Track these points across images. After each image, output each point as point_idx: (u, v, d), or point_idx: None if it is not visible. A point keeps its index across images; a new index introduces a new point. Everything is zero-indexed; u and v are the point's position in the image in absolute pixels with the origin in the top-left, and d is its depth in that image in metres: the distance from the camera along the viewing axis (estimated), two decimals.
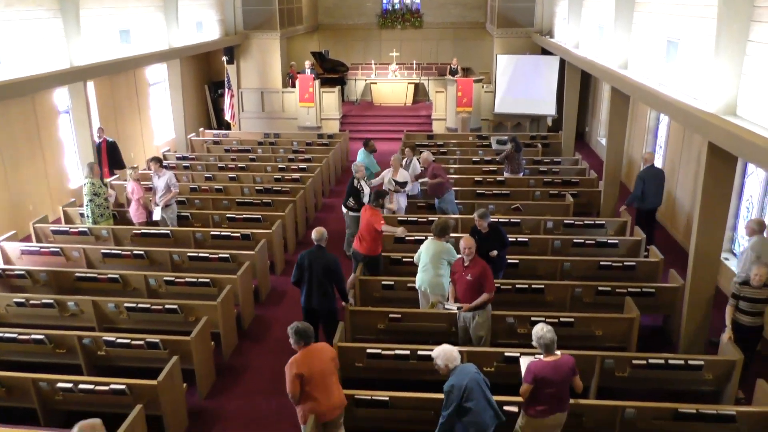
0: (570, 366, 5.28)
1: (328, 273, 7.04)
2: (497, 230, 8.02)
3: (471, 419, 5.03)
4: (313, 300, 7.12)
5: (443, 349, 5.25)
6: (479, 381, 5.14)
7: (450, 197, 10.68)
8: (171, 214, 10.43)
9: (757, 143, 5.28)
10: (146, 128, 16.18)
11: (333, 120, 19.31)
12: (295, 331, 5.29)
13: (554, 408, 5.30)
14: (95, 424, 4.37)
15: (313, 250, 7.12)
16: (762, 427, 5.66)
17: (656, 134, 13.26)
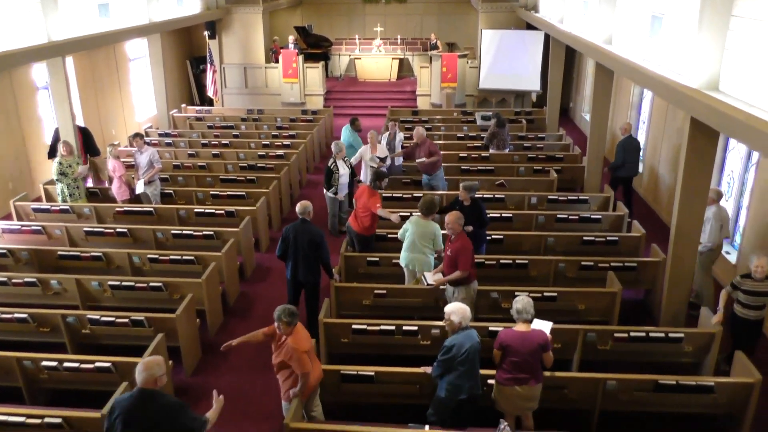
0: (539, 341, 5.33)
1: (313, 246, 7.09)
2: (478, 206, 8.04)
3: (453, 379, 5.28)
4: (299, 273, 7.19)
5: (460, 306, 5.40)
6: (477, 350, 5.31)
7: (441, 174, 10.67)
8: (154, 191, 10.35)
9: (738, 118, 5.32)
10: (127, 104, 15.97)
11: (317, 96, 19.15)
12: (291, 313, 5.24)
13: (520, 379, 5.38)
14: (159, 360, 4.43)
15: (298, 223, 7.17)
16: (739, 397, 5.79)
17: (640, 110, 13.32)
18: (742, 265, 8.36)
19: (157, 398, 4.30)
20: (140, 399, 4.27)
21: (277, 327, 5.31)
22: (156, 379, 4.32)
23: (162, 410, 4.26)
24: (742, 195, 8.80)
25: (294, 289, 7.39)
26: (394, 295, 7.47)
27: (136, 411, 4.24)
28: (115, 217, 9.92)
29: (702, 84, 6.33)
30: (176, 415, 4.30)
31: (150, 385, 4.30)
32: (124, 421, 4.23)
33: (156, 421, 4.25)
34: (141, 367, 4.32)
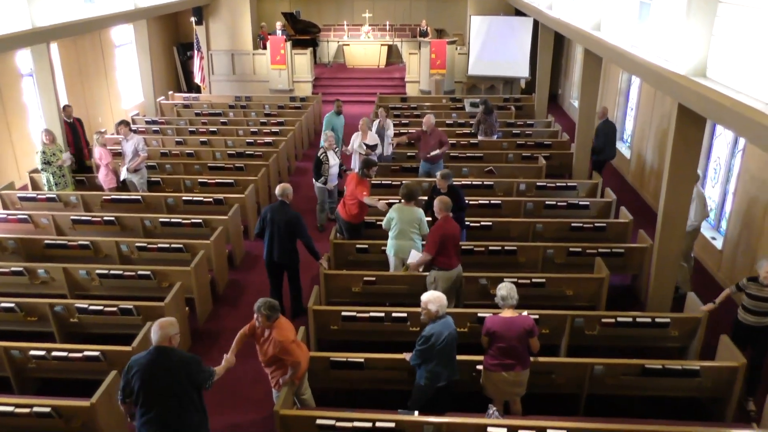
0: (525, 326, 5.37)
1: (289, 228, 7.23)
2: (455, 192, 8.03)
3: (432, 368, 5.36)
4: (274, 253, 7.35)
5: (437, 295, 5.41)
6: (454, 338, 5.37)
7: (441, 162, 10.69)
8: (141, 180, 10.28)
9: (725, 105, 5.34)
10: (113, 91, 15.81)
11: (305, 83, 19.05)
12: (271, 306, 5.21)
13: (507, 365, 5.42)
14: (172, 320, 4.69)
15: (276, 204, 7.33)
16: (724, 381, 5.87)
17: (628, 96, 13.36)
18: (727, 252, 8.44)
19: (172, 355, 4.56)
20: (157, 356, 4.53)
21: (256, 319, 5.28)
22: (170, 337, 4.58)
23: (177, 366, 4.54)
24: (729, 181, 8.86)
25: (272, 271, 7.57)
26: (383, 282, 7.49)
27: (153, 367, 4.50)
28: (102, 205, 9.86)
29: (689, 70, 6.35)
30: (190, 369, 4.59)
31: (165, 343, 4.56)
32: (142, 377, 4.49)
33: (172, 376, 4.52)
34: (156, 327, 4.58)
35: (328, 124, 11.36)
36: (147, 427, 4.56)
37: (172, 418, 4.56)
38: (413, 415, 5.35)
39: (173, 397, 4.54)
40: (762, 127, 4.73)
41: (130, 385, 4.55)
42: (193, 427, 4.65)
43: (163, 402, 4.53)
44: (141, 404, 4.55)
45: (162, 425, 4.55)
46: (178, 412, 4.57)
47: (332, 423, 5.17)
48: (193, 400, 4.64)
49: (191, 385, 4.61)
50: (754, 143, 5.20)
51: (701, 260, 9.13)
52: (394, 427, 5.16)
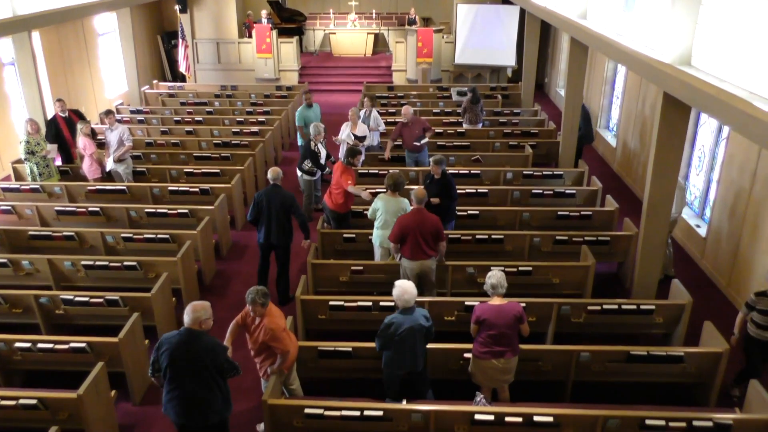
0: (514, 313, 5.40)
1: (286, 208, 7.40)
2: (448, 180, 8.09)
3: (390, 354, 5.46)
4: (272, 236, 7.48)
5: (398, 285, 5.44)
6: (418, 331, 5.37)
7: (426, 150, 10.69)
8: (126, 170, 10.18)
9: (709, 93, 5.38)
10: (97, 81, 15.63)
11: (291, 71, 18.94)
12: (264, 294, 5.23)
13: (497, 352, 5.45)
14: (206, 305, 4.82)
15: (270, 188, 7.46)
16: (708, 367, 5.95)
17: (614, 85, 13.41)
18: (711, 239, 8.53)
19: (202, 338, 4.71)
20: (187, 337, 4.70)
21: (251, 311, 5.27)
22: (201, 321, 4.72)
23: (204, 349, 4.68)
24: (713, 169, 8.94)
25: (265, 253, 7.72)
26: (370, 271, 7.50)
27: (181, 348, 4.68)
28: (87, 195, 9.77)
29: (675, 59, 6.38)
30: (215, 355, 4.72)
31: (195, 326, 4.71)
32: (171, 355, 4.68)
33: (198, 358, 4.67)
34: (189, 309, 4.73)
35: (300, 118, 11.11)
36: (172, 404, 4.78)
37: (196, 399, 4.74)
38: (401, 403, 5.39)
39: (198, 379, 4.71)
40: (745, 115, 4.76)
41: (159, 362, 4.77)
42: (214, 410, 4.83)
43: (187, 382, 4.71)
44: (168, 381, 4.76)
45: (185, 403, 4.75)
46: (202, 393, 4.74)
47: (320, 412, 5.20)
48: (218, 383, 4.80)
49: (216, 370, 4.75)
50: (738, 131, 5.24)
51: (685, 247, 9.22)
52: (382, 415, 5.19)
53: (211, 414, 4.82)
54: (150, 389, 6.48)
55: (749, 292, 7.49)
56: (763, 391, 5.21)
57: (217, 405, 4.83)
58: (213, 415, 4.83)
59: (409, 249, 6.90)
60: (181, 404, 4.75)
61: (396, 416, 5.24)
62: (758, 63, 5.17)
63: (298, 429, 5.33)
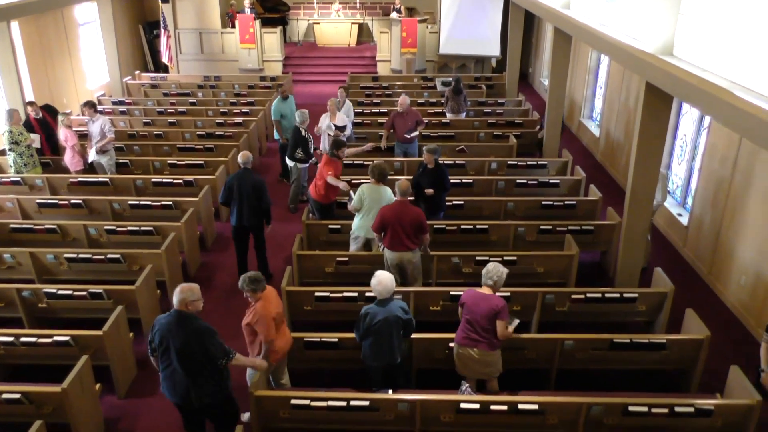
0: (492, 305, 5.38)
1: (256, 192, 7.55)
2: (441, 170, 8.10)
3: (367, 345, 5.53)
4: (244, 218, 7.65)
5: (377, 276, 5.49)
6: (393, 324, 5.39)
7: (416, 141, 10.69)
8: (109, 162, 10.08)
9: (691, 83, 5.43)
10: (78, 72, 15.43)
11: (275, 62, 18.82)
12: (252, 279, 5.26)
13: (472, 339, 5.46)
14: (192, 286, 4.88)
15: (241, 172, 7.61)
16: (689, 354, 6.03)
17: (597, 75, 13.47)
18: (693, 228, 8.62)
19: (190, 320, 4.76)
20: (175, 318, 4.77)
21: (248, 299, 5.34)
22: (187, 303, 4.77)
23: (193, 332, 4.73)
24: (695, 158, 9.03)
25: (239, 237, 7.86)
26: (356, 262, 7.51)
27: (170, 328, 4.75)
28: (69, 188, 9.68)
29: (657, 49, 6.42)
30: (203, 339, 4.76)
31: (182, 307, 4.77)
32: (161, 335, 4.78)
33: (186, 340, 4.71)
34: (176, 291, 4.80)
35: (276, 112, 10.92)
36: (165, 383, 4.88)
37: (186, 379, 4.78)
38: (387, 393, 5.41)
39: (188, 360, 4.74)
40: (726, 105, 4.82)
41: (154, 341, 4.86)
42: (206, 392, 4.86)
43: (177, 362, 4.75)
44: (161, 361, 4.85)
45: (176, 383, 4.81)
46: (192, 375, 4.77)
47: (307, 402, 5.21)
48: (210, 364, 4.81)
49: (203, 354, 4.76)
50: (719, 121, 5.30)
51: (667, 236, 9.32)
52: (368, 405, 5.22)
53: (203, 396, 4.85)
54: (135, 382, 6.46)
55: (729, 280, 7.62)
56: (743, 378, 5.30)
57: (208, 387, 4.85)
58: (205, 396, 4.86)
59: (389, 240, 6.94)
60: (172, 384, 4.83)
61: (382, 406, 5.27)
62: (739, 53, 5.22)
63: (285, 420, 5.34)
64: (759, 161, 7.11)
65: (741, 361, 5.92)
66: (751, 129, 4.49)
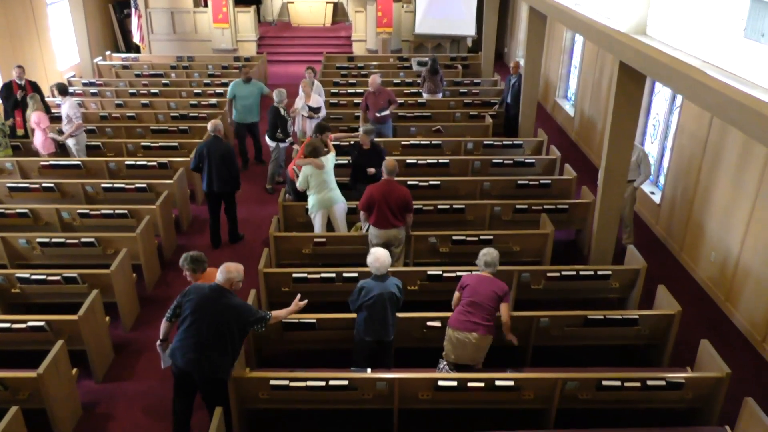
0: (495, 288, 5.46)
1: (224, 160, 7.94)
2: (378, 149, 8.24)
3: (361, 319, 5.60)
4: (214, 184, 8.05)
5: (374, 253, 5.54)
6: (388, 299, 5.46)
7: (390, 121, 10.65)
8: (77, 146, 9.90)
9: (664, 62, 5.48)
10: (47, 53, 15.06)
11: (249, 42, 18.59)
12: (194, 259, 5.32)
13: (471, 323, 5.46)
14: (239, 267, 5.03)
15: (211, 140, 8.00)
16: (661, 328, 6.17)
17: (572, 54, 13.52)
18: (665, 206, 8.76)
19: (228, 297, 4.91)
20: (215, 293, 4.89)
21: (189, 278, 5.37)
22: (232, 282, 4.94)
23: (228, 308, 4.87)
24: (667, 137, 9.14)
25: (211, 201, 8.29)
26: (333, 243, 7.51)
27: (208, 301, 4.86)
28: (40, 171, 9.51)
29: (630, 28, 6.47)
30: (238, 316, 4.91)
31: (226, 285, 4.92)
32: (194, 305, 4.87)
33: (220, 316, 4.84)
34: (223, 269, 4.93)
35: (231, 93, 10.74)
36: (182, 350, 4.88)
37: (205, 352, 4.84)
38: (366, 371, 5.46)
39: (214, 334, 4.83)
40: (698, 83, 4.88)
41: (182, 307, 4.93)
42: (222, 367, 4.95)
43: (205, 333, 4.82)
44: (185, 328, 4.88)
45: (192, 352, 4.84)
46: (213, 348, 4.85)
47: (286, 383, 5.23)
48: (233, 342, 4.93)
49: (238, 329, 4.93)
50: (691, 100, 5.37)
51: (640, 214, 9.46)
52: (347, 384, 5.25)
53: (217, 370, 4.94)
54: (112, 366, 6.43)
55: (700, 256, 7.78)
56: (713, 351, 5.43)
57: (225, 363, 4.96)
58: (219, 371, 4.96)
59: (375, 218, 6.98)
60: (193, 352, 4.84)
61: (361, 385, 5.31)
62: (711, 32, 5.28)
63: (264, 401, 5.36)
64: (728, 140, 7.23)
65: (711, 336, 6.08)
66: (721, 107, 4.56)
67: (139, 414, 5.84)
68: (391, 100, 10.44)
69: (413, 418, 5.52)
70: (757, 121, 4.07)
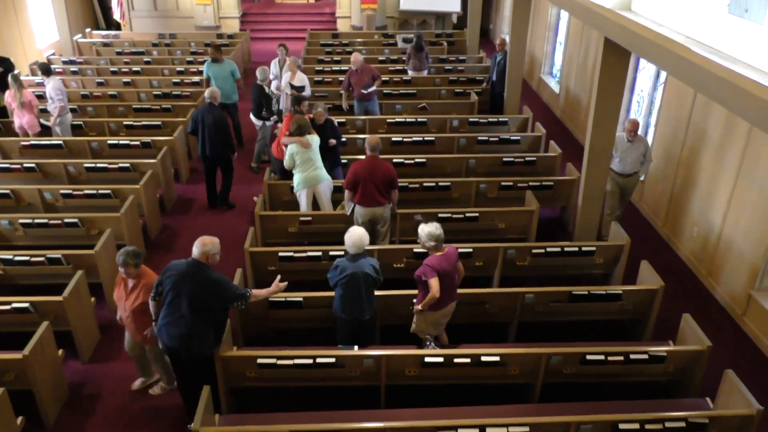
0: (455, 254, 5.54)
1: (217, 127, 8.31)
2: (332, 123, 8.36)
3: (337, 296, 5.59)
4: (207, 149, 8.48)
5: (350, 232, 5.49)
6: (362, 279, 5.43)
7: (375, 98, 10.60)
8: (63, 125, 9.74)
9: (648, 38, 5.48)
10: (26, 30, 14.77)
11: (232, 18, 18.33)
12: (135, 254, 5.14)
13: (447, 298, 5.54)
14: (215, 240, 5.02)
15: (206, 107, 8.40)
16: (644, 303, 6.25)
17: (557, 31, 13.48)
18: (648, 182, 8.81)
19: (206, 271, 4.92)
20: (192, 267, 4.91)
21: (124, 273, 5.18)
22: (209, 256, 4.94)
23: (207, 282, 4.89)
24: (651, 113, 9.18)
25: (207, 165, 8.74)
26: (319, 221, 7.51)
27: (186, 276, 4.88)
28: (21, 152, 9.38)
29: (615, 4, 6.45)
30: (218, 289, 4.94)
31: (203, 259, 4.92)
32: (174, 281, 4.89)
33: (200, 290, 4.87)
34: (198, 242, 4.95)
35: (206, 72, 10.70)
36: (166, 329, 4.97)
37: (189, 327, 4.90)
38: (353, 349, 5.49)
39: (195, 309, 4.87)
40: (682, 59, 4.88)
41: (163, 285, 4.95)
42: (205, 342, 5.02)
43: (186, 309, 4.87)
44: (166, 304, 4.94)
45: (178, 329, 4.92)
46: (198, 323, 4.91)
47: (273, 362, 5.26)
48: (214, 317, 5.01)
49: (218, 304, 4.97)
50: (675, 76, 5.38)
51: None
52: (334, 362, 5.28)
53: (203, 346, 5.01)
54: (98, 347, 6.42)
55: (683, 232, 7.86)
56: (694, 325, 5.52)
57: (209, 338, 5.01)
58: (204, 347, 5.02)
59: (360, 196, 6.95)
60: (176, 328, 4.91)
61: (348, 362, 5.34)
62: (695, 8, 5.28)
63: (252, 379, 5.38)
64: (712, 116, 7.27)
65: (693, 310, 6.17)
66: (705, 83, 4.58)
67: (125, 395, 5.85)
68: (375, 76, 10.38)
69: (400, 395, 5.57)
70: (740, 97, 4.10)
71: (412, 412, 5.08)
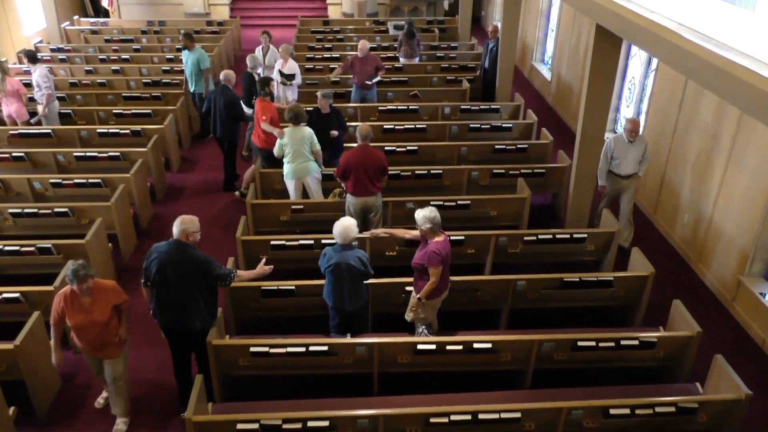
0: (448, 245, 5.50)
1: (228, 109, 8.54)
2: (337, 112, 8.29)
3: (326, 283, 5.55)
4: (218, 130, 8.77)
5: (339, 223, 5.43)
6: (346, 270, 5.35)
7: (374, 87, 10.59)
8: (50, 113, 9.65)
9: (640, 25, 5.47)
10: (12, 17, 14.60)
11: (222, 5, 18.17)
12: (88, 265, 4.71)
13: (445, 286, 5.57)
14: (193, 218, 5.04)
15: (219, 89, 8.70)
16: (634, 290, 6.29)
17: (549, 18, 13.44)
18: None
19: (189, 250, 4.95)
20: (174, 247, 4.94)
21: (83, 289, 4.67)
22: (188, 234, 4.96)
23: (191, 261, 4.93)
24: (642, 100, 9.19)
25: (220, 144, 9.05)
26: (311, 209, 7.49)
27: (169, 256, 4.92)
28: (9, 140, 9.29)
29: None
30: (201, 267, 4.97)
31: (182, 238, 4.95)
32: (158, 263, 4.93)
33: (185, 269, 4.92)
34: (177, 221, 4.97)
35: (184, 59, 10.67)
36: (158, 310, 5.08)
37: (181, 306, 5.00)
38: (346, 337, 5.50)
39: (184, 288, 4.94)
40: (673, 46, 4.88)
41: (149, 269, 4.98)
42: (199, 318, 5.09)
43: (174, 289, 4.94)
44: (156, 287, 5.00)
45: (171, 309, 5.03)
46: (188, 301, 4.99)
47: (266, 350, 5.26)
48: (203, 294, 5.04)
49: (204, 282, 5.00)
50: (666, 63, 5.38)
51: None
52: (327, 350, 5.30)
53: (196, 321, 5.07)
54: None
55: (673, 218, 7.90)
56: (684, 311, 5.56)
57: (201, 314, 5.07)
58: (198, 322, 5.09)
59: (352, 185, 6.93)
60: (167, 309, 5.03)
61: (341, 350, 5.36)
62: None
63: (245, 368, 5.39)
64: (703, 103, 7.28)
65: (683, 296, 6.21)
66: (696, 70, 4.58)
67: None
68: (378, 66, 10.37)
69: (393, 382, 5.59)
70: (731, 84, 4.10)
71: (405, 399, 5.11)
